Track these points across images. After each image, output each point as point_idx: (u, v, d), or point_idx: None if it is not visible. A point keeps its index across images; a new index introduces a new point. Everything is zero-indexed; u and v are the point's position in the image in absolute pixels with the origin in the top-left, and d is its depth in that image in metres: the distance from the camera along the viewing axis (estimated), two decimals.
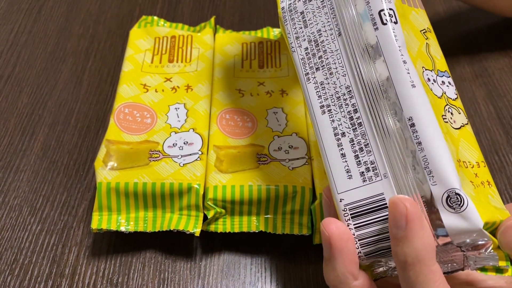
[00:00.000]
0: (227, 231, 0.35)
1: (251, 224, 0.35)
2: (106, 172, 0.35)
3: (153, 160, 0.36)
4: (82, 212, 0.38)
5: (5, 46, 0.50)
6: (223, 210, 0.35)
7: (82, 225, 0.37)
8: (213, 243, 0.36)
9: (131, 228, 0.34)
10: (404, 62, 0.26)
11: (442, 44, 0.31)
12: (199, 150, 0.37)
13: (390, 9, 0.28)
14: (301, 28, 0.30)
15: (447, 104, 0.27)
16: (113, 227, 0.34)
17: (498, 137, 0.43)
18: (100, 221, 0.34)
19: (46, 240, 0.36)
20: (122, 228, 0.34)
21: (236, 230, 0.35)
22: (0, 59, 0.49)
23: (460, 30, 0.52)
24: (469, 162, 0.26)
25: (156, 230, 0.34)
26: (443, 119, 0.26)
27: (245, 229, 0.35)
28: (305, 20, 0.30)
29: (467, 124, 0.28)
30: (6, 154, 0.41)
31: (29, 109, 0.45)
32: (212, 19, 0.48)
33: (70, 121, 0.44)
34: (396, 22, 0.27)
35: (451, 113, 0.27)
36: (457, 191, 0.24)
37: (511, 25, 0.52)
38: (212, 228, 0.35)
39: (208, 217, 0.34)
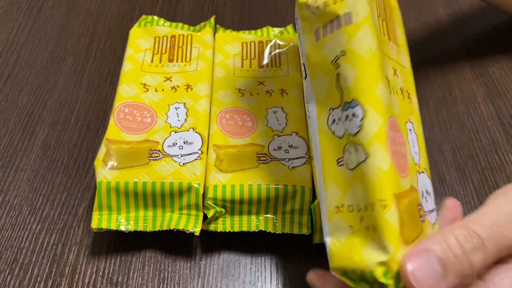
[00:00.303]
0: (227, 231, 0.35)
1: (251, 223, 0.35)
2: (106, 172, 0.35)
3: (153, 160, 0.36)
4: (82, 212, 0.38)
5: (5, 45, 0.50)
6: (223, 210, 0.35)
7: (82, 224, 0.37)
8: (213, 242, 0.36)
9: (131, 227, 0.34)
10: (308, 117, 0.29)
11: (442, 44, 0.31)
12: (199, 150, 0.37)
13: (303, 64, 0.29)
14: None
15: (347, 143, 0.26)
16: (113, 227, 0.34)
17: (498, 136, 0.43)
18: (100, 220, 0.34)
19: (46, 239, 0.36)
20: (122, 228, 0.34)
21: (236, 229, 0.35)
22: (0, 58, 0.49)
23: (460, 29, 0.52)
24: (356, 205, 0.25)
25: (156, 230, 0.34)
26: (338, 163, 0.26)
27: (245, 229, 0.35)
28: None
29: (364, 161, 0.25)
30: (6, 153, 0.41)
31: (29, 109, 0.45)
32: (212, 19, 0.48)
33: (70, 121, 0.44)
34: (305, 77, 0.29)
35: (349, 153, 0.26)
36: (324, 237, 0.27)
37: None
38: (212, 227, 0.35)
39: (208, 217, 0.34)
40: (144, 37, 0.45)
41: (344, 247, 0.25)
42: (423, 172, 0.30)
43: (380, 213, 0.24)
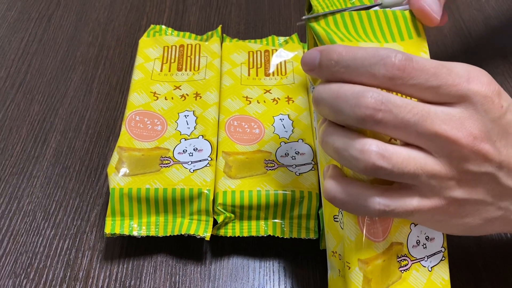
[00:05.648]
0: (237, 235, 0.36)
1: (259, 228, 0.36)
2: (119, 178, 0.36)
3: (164, 166, 0.37)
4: (94, 217, 0.39)
5: (16, 54, 0.52)
6: (232, 215, 0.36)
7: (95, 229, 0.38)
8: (222, 247, 0.37)
9: (143, 232, 0.35)
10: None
11: (443, 50, 0.31)
12: (208, 156, 0.38)
13: (316, 128, 0.33)
14: None
15: None
16: (126, 232, 0.35)
17: None
18: (114, 226, 0.35)
19: (60, 244, 0.37)
20: (135, 233, 0.35)
21: (245, 234, 0.36)
22: (11, 68, 0.50)
23: (460, 34, 0.53)
24: (343, 257, 0.30)
25: (168, 235, 0.35)
26: (335, 218, 0.31)
27: (253, 233, 0.36)
28: None
29: (343, 229, 0.30)
30: (20, 160, 0.42)
31: (41, 117, 0.46)
32: (219, 28, 0.49)
33: (81, 128, 0.45)
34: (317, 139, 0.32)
35: (342, 215, 0.30)
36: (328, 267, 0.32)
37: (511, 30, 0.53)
38: (221, 232, 0.36)
39: (218, 222, 0.35)
40: (153, 46, 0.46)
41: (335, 284, 0.31)
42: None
43: (346, 272, 0.29)
